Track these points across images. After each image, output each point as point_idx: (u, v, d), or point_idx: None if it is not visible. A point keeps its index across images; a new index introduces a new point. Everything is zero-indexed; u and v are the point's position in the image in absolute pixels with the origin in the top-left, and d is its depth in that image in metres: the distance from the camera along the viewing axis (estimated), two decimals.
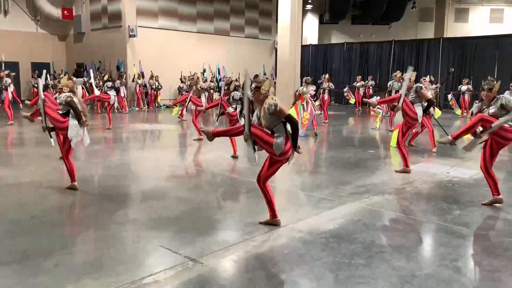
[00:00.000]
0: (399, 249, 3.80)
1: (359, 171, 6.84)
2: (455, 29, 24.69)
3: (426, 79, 10.29)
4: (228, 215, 4.74)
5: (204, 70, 20.30)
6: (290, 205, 5.15)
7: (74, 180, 5.52)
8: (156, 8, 19.34)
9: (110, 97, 11.83)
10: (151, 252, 3.69)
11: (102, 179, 6.37)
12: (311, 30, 25.79)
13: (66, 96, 5.38)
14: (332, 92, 17.85)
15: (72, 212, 5.02)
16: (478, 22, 25.06)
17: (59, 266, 3.37)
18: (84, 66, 20.24)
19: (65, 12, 20.33)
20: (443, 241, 4.01)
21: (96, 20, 19.65)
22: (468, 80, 16.04)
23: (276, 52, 20.48)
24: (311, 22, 25.92)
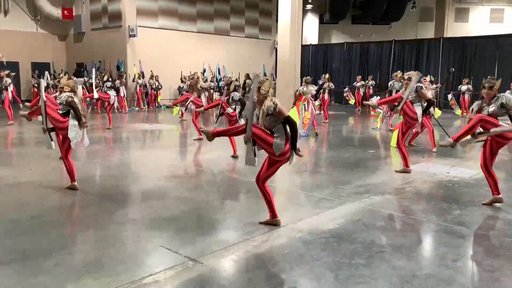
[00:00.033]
0: (399, 249, 3.80)
1: (359, 171, 6.84)
2: (455, 29, 24.69)
3: (427, 79, 10.28)
4: (228, 215, 4.74)
5: (204, 70, 20.31)
6: (290, 205, 5.15)
7: (74, 180, 5.52)
8: (156, 8, 19.34)
9: (110, 97, 11.82)
10: (151, 252, 3.69)
11: (102, 179, 6.37)
12: (311, 30, 25.79)
13: (67, 96, 5.35)
14: (332, 92, 17.84)
15: (72, 212, 5.02)
16: (478, 22, 25.06)
17: (59, 266, 3.37)
18: (84, 66, 20.24)
19: (65, 12, 20.33)
20: (443, 241, 4.01)
21: (96, 20, 19.65)
22: (468, 80, 16.04)
23: (276, 52, 20.48)
24: (311, 22, 25.92)
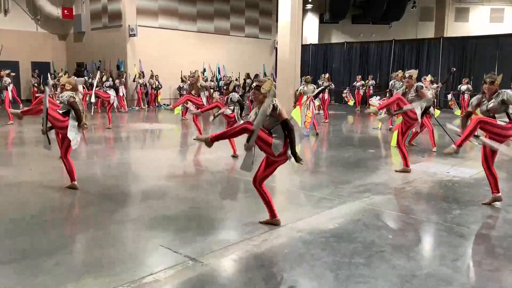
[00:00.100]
0: (399, 249, 3.80)
1: (359, 171, 6.84)
2: (455, 29, 24.69)
3: (427, 79, 10.26)
4: (228, 215, 4.74)
5: (204, 70, 20.31)
6: (290, 205, 5.15)
7: (74, 180, 5.51)
8: (156, 8, 19.34)
9: (110, 96, 11.82)
10: (151, 252, 3.69)
11: (102, 179, 6.37)
12: (311, 30, 25.79)
13: (69, 96, 5.31)
14: (332, 92, 17.83)
15: (72, 212, 5.02)
16: (479, 22, 25.07)
17: (59, 266, 3.37)
18: (85, 66, 20.25)
19: (65, 12, 20.33)
20: (443, 241, 4.01)
21: (96, 20, 19.65)
22: (468, 80, 16.02)
23: (276, 52, 20.47)
24: (311, 22, 25.92)
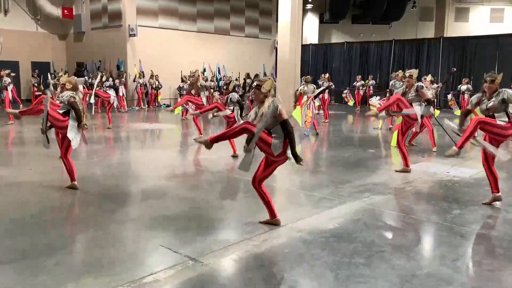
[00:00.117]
0: (399, 249, 3.80)
1: (360, 171, 6.84)
2: (455, 29, 24.69)
3: (427, 79, 10.25)
4: (228, 215, 4.73)
5: (204, 70, 20.31)
6: (290, 205, 5.15)
7: (74, 180, 5.51)
8: (156, 8, 19.34)
9: (110, 96, 11.82)
10: (151, 252, 3.69)
11: (102, 179, 6.37)
12: (311, 30, 25.79)
13: (69, 96, 5.30)
14: (332, 92, 17.83)
15: (72, 212, 5.02)
16: (479, 22, 25.07)
17: (59, 265, 3.37)
18: (85, 66, 20.25)
19: (65, 12, 20.32)
20: (443, 241, 4.01)
21: (96, 20, 19.64)
22: (468, 80, 16.02)
23: (276, 52, 20.47)
24: (311, 22, 25.92)
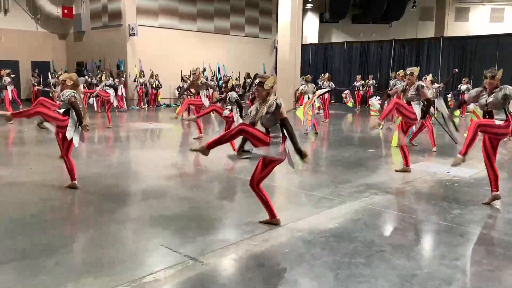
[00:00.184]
0: (399, 248, 3.80)
1: (360, 170, 6.83)
2: (456, 28, 24.70)
3: (428, 78, 10.25)
4: (228, 214, 4.73)
5: (204, 69, 20.31)
6: (290, 204, 5.15)
7: (74, 179, 5.50)
8: (156, 7, 19.33)
9: (110, 95, 11.81)
10: (151, 251, 3.69)
11: (102, 178, 6.36)
12: (311, 29, 25.79)
13: (70, 96, 5.27)
14: (333, 92, 17.82)
15: (72, 211, 5.02)
16: (479, 22, 25.07)
17: (59, 265, 3.37)
18: (85, 65, 20.25)
19: (65, 11, 20.32)
20: (443, 240, 4.00)
21: (96, 19, 19.64)
22: (468, 80, 16.02)
23: (276, 51, 20.46)
24: (311, 21, 25.92)
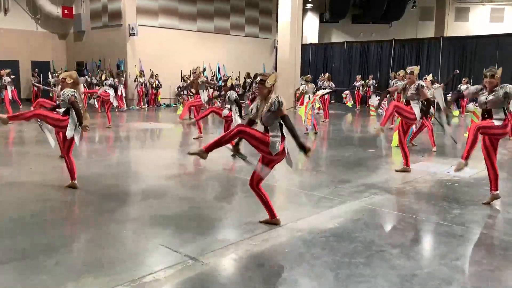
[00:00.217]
0: (399, 248, 3.80)
1: (360, 170, 6.83)
2: (456, 28, 24.71)
3: (428, 78, 10.25)
4: (228, 214, 4.74)
5: (204, 69, 20.31)
6: (290, 204, 5.15)
7: (74, 178, 5.50)
8: (156, 7, 19.34)
9: (109, 95, 11.81)
10: (151, 251, 3.69)
11: (102, 178, 6.36)
12: (311, 29, 25.80)
13: (70, 95, 5.25)
14: (333, 92, 17.81)
15: (72, 211, 5.02)
16: (479, 22, 25.08)
17: (59, 265, 3.37)
18: (85, 65, 20.25)
19: (65, 11, 20.33)
20: (443, 240, 4.00)
21: (96, 19, 19.64)
22: (468, 80, 16.01)
23: (276, 51, 20.47)
24: (311, 21, 25.92)
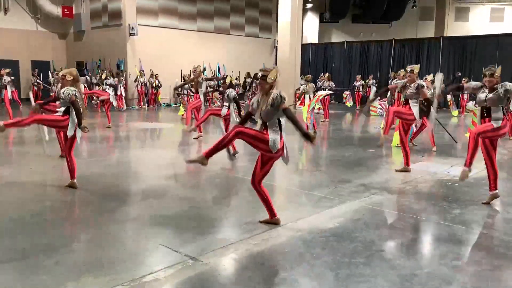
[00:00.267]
0: (399, 248, 3.80)
1: (360, 170, 6.83)
2: (456, 28, 24.71)
3: (428, 78, 10.25)
4: (228, 214, 4.74)
5: (205, 69, 20.31)
6: (290, 204, 5.15)
7: (74, 178, 5.50)
8: (156, 7, 19.34)
9: (109, 95, 11.81)
10: (151, 251, 3.69)
11: (102, 178, 6.36)
12: (311, 29, 25.80)
13: (71, 94, 5.24)
14: (333, 91, 17.82)
15: (72, 211, 5.02)
16: (479, 21, 25.09)
17: (59, 265, 3.37)
18: (85, 65, 20.25)
19: (65, 11, 20.33)
20: (443, 240, 4.00)
21: (96, 19, 19.64)
22: (468, 80, 16.00)
23: (276, 51, 20.47)
24: (311, 21, 25.92)
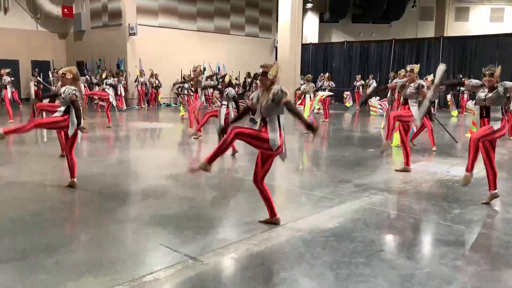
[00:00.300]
0: (399, 248, 3.80)
1: (360, 170, 6.83)
2: (456, 28, 24.71)
3: (428, 78, 10.25)
4: (228, 214, 4.74)
5: (204, 69, 20.30)
6: (290, 204, 5.15)
7: (74, 177, 5.50)
8: (156, 6, 19.34)
9: (108, 95, 11.80)
10: (151, 251, 3.69)
11: (102, 178, 6.36)
12: (311, 29, 25.81)
13: (72, 94, 5.23)
14: (333, 91, 17.82)
15: (72, 211, 5.02)
16: (479, 21, 25.09)
17: (59, 265, 3.37)
18: (85, 65, 20.25)
19: (65, 10, 20.32)
20: (443, 240, 4.00)
21: (96, 18, 19.64)
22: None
23: (276, 51, 20.49)
24: (311, 21, 25.93)
